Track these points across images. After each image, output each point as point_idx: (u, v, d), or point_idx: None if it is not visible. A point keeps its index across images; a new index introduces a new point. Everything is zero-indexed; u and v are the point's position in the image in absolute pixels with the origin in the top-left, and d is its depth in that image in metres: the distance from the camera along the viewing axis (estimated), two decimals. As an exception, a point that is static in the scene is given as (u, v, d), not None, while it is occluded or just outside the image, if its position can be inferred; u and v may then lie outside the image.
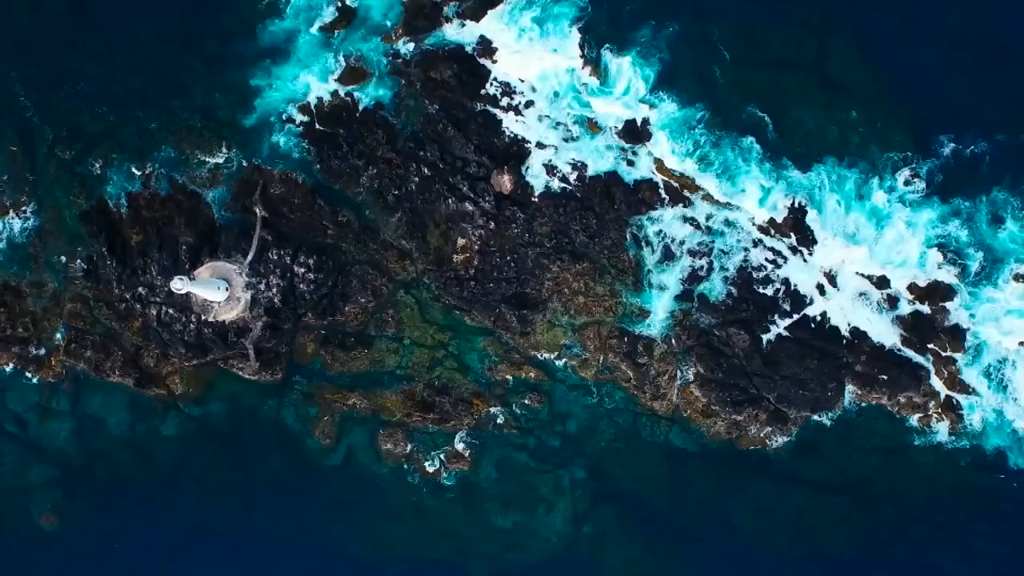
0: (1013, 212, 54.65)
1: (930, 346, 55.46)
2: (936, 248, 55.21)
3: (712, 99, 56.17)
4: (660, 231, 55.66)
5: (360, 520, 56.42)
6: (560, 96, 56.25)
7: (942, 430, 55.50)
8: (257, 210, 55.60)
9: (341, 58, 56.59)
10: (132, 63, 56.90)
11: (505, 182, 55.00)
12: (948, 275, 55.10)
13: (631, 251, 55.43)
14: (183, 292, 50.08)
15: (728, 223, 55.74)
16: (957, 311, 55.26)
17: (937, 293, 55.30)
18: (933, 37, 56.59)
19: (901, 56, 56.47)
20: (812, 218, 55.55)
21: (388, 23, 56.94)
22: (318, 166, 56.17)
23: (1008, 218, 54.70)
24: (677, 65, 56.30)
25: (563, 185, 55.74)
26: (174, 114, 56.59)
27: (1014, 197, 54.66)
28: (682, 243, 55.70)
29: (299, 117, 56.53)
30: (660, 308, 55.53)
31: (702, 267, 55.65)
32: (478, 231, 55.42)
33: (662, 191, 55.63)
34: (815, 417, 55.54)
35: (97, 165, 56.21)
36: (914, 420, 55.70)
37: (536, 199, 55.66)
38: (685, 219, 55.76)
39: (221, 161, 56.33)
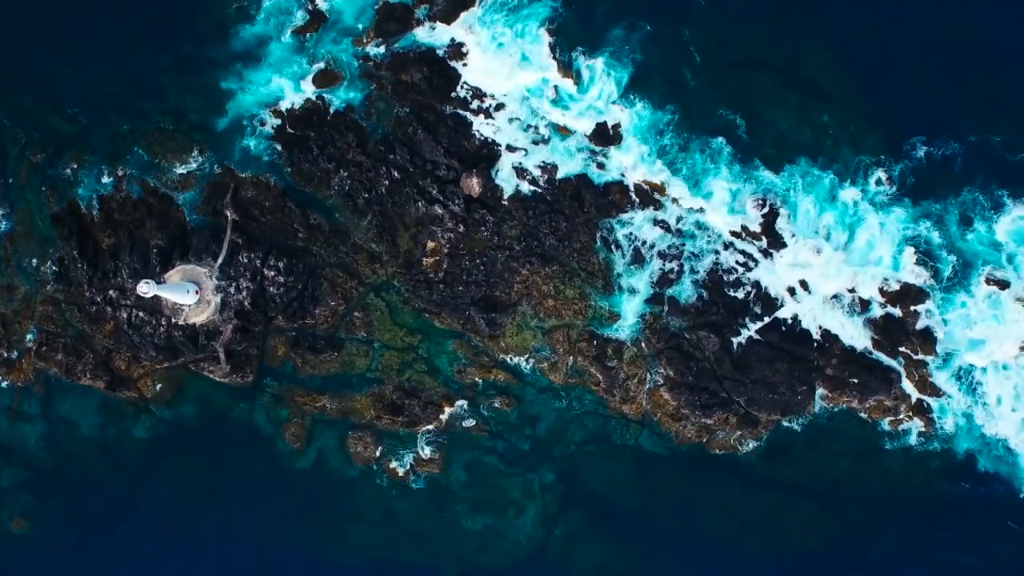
0: (981, 212, 54.46)
1: (901, 349, 55.24)
2: (908, 250, 55.04)
3: (683, 101, 56.06)
4: (630, 234, 55.58)
5: (330, 522, 56.60)
6: (530, 99, 56.17)
7: (913, 433, 55.37)
8: (228, 213, 55.75)
9: (312, 62, 56.71)
10: (104, 65, 57.22)
11: (474, 185, 55.00)
12: (920, 278, 54.87)
13: (601, 254, 55.39)
14: (149, 296, 50.18)
15: (699, 226, 55.59)
16: (929, 314, 55.07)
17: (909, 296, 55.08)
18: (907, 40, 56.34)
19: (875, 58, 56.27)
20: (783, 220, 55.36)
21: (359, 26, 57.04)
22: (289, 169, 56.34)
23: (977, 219, 54.53)
24: (648, 67, 56.22)
25: (533, 188, 55.72)
26: (146, 117, 56.91)
27: (983, 197, 54.48)
28: (652, 246, 55.60)
29: (270, 120, 56.70)
30: (630, 311, 55.48)
31: (672, 270, 55.55)
32: (447, 234, 55.46)
33: (632, 194, 55.55)
34: (785, 421, 55.47)
35: (69, 168, 56.45)
36: (885, 423, 55.56)
37: (506, 202, 55.66)
38: (655, 222, 55.65)
39: (193, 164, 56.51)
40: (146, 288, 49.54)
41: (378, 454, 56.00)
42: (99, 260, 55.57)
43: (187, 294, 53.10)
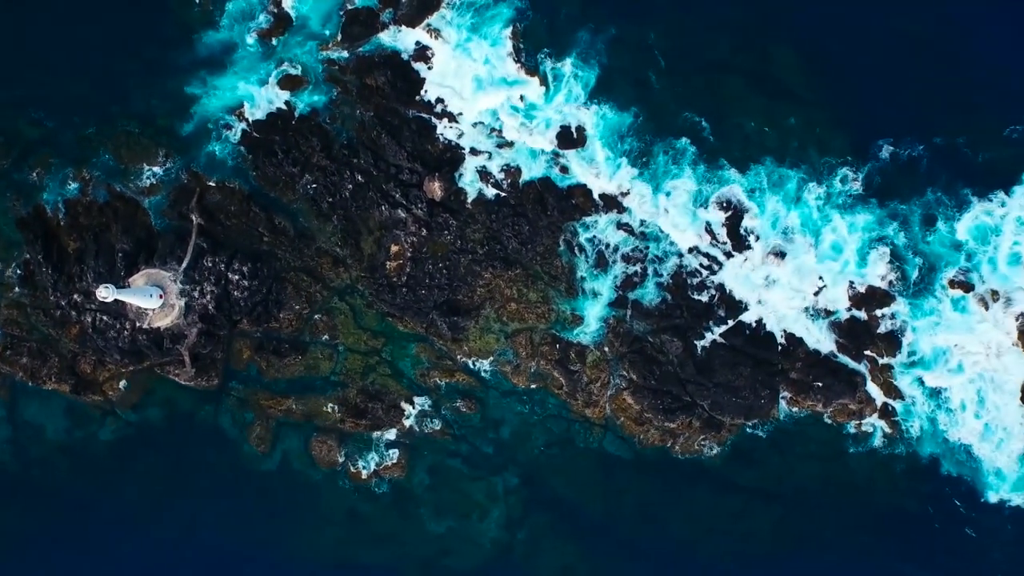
0: (944, 212, 54.37)
1: (866, 352, 55.12)
2: (874, 252, 54.91)
3: (648, 104, 56.05)
4: (594, 237, 55.52)
5: (295, 524, 56.73)
6: (494, 101, 55.92)
7: (877, 437, 55.25)
8: (193, 217, 55.87)
9: (278, 66, 56.66)
10: (70, 69, 57.28)
11: (436, 188, 54.99)
12: (885, 281, 54.75)
13: (564, 257, 55.35)
14: (109, 300, 50.29)
15: (663, 228, 55.46)
16: (894, 317, 54.93)
17: (874, 299, 54.94)
18: (873, 42, 56.24)
19: (841, 61, 56.12)
20: (748, 223, 55.27)
21: (324, 30, 57.02)
22: (254, 173, 56.40)
23: (939, 219, 54.42)
24: (613, 70, 56.21)
25: (496, 191, 55.69)
26: (112, 120, 56.94)
27: (947, 196, 54.39)
28: (616, 249, 55.54)
29: (236, 125, 56.73)
30: (593, 314, 55.45)
31: (636, 273, 55.47)
32: (410, 238, 55.49)
33: (596, 197, 55.47)
34: (749, 424, 55.39)
35: (35, 172, 56.57)
36: (850, 427, 55.46)
37: (469, 206, 55.64)
38: (619, 225, 55.58)
39: (159, 168, 56.55)
40: (105, 293, 49.64)
41: (342, 457, 56.11)
42: (64, 264, 55.74)
43: (150, 298, 53.27)
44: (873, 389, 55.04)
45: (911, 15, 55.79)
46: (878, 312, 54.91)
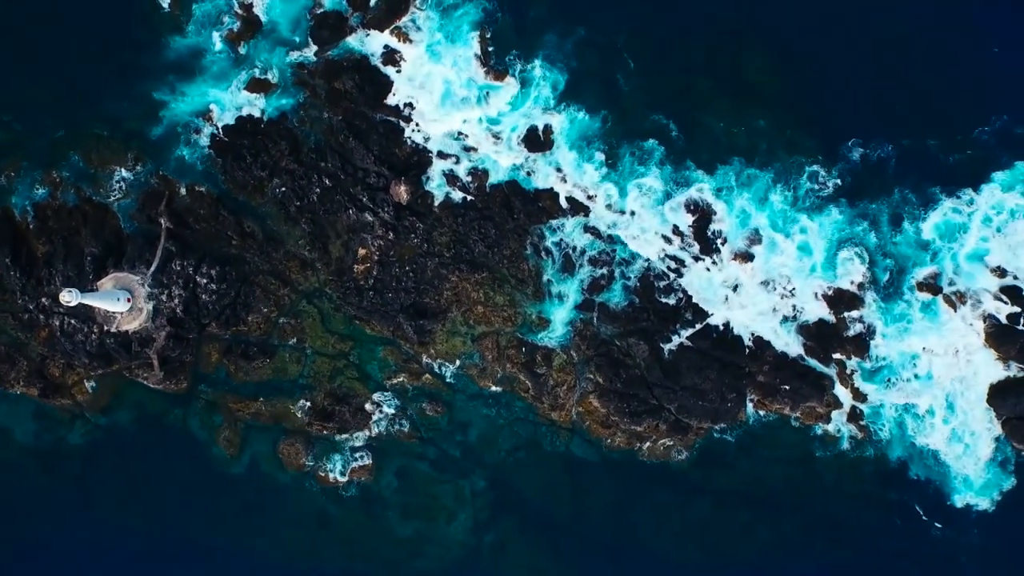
0: (911, 211, 54.28)
1: (834, 355, 55.02)
2: (843, 254, 54.75)
3: (617, 107, 56.03)
4: (560, 240, 55.50)
5: (264, 528, 56.90)
6: (462, 104, 56.01)
7: (845, 441, 55.14)
8: (162, 221, 56.02)
9: (247, 69, 56.74)
10: (40, 72, 57.33)
11: (402, 192, 55.04)
12: (854, 283, 54.61)
13: (531, 260, 55.37)
14: (73, 304, 50.43)
15: (630, 231, 55.41)
16: (863, 320, 54.80)
17: (843, 301, 54.82)
18: (843, 45, 56.06)
19: (811, 63, 55.94)
20: (715, 226, 55.19)
21: (293, 35, 57.05)
22: (223, 177, 56.50)
23: (906, 218, 54.31)
24: (582, 73, 56.16)
25: (463, 195, 55.71)
26: (82, 124, 57.02)
27: (914, 195, 54.29)
28: (583, 252, 55.52)
29: (205, 128, 56.77)
30: (560, 318, 55.44)
31: (603, 276, 55.44)
32: (378, 241, 55.55)
33: (563, 200, 55.44)
34: (717, 428, 55.32)
35: (4, 176, 56.69)
36: (818, 430, 55.37)
37: (436, 209, 55.67)
38: (586, 228, 55.55)
39: (128, 172, 56.69)
40: (69, 297, 49.77)
41: (310, 460, 56.23)
42: (33, 268, 55.91)
43: (117, 302, 53.41)
44: (841, 392, 54.99)
45: (882, 18, 55.62)
46: (846, 315, 54.83)
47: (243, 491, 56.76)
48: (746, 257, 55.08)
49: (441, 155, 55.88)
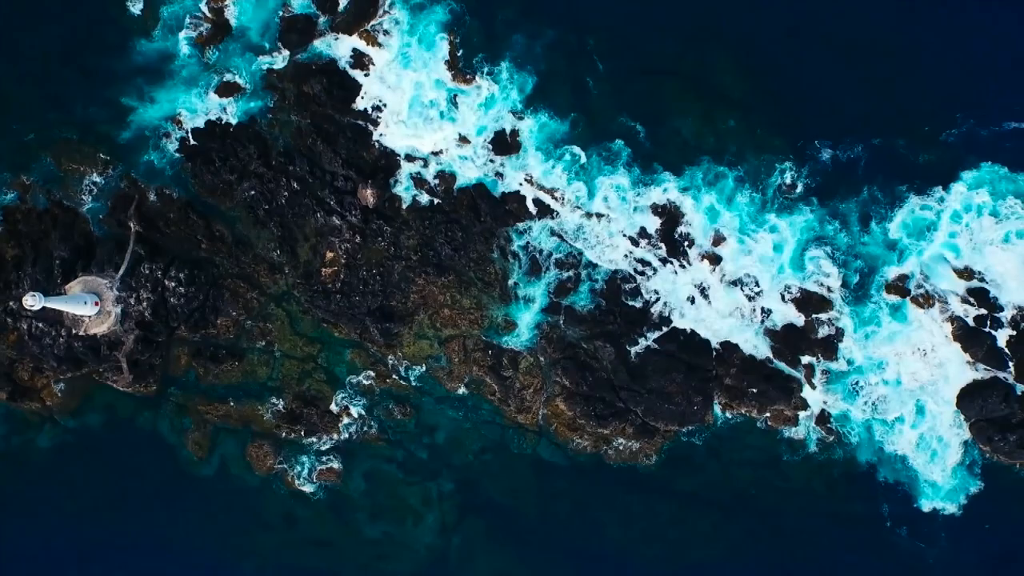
0: (879, 210, 54.28)
1: (802, 358, 55.00)
2: (812, 255, 54.68)
3: (585, 109, 56.09)
4: (527, 243, 55.57)
5: (233, 529, 57.12)
6: (431, 107, 56.11)
7: (813, 443, 55.12)
8: (132, 224, 56.26)
9: (216, 74, 56.91)
10: (8, 75, 57.57)
11: (368, 196, 55.18)
12: (823, 286, 54.62)
13: (498, 263, 55.45)
14: (36, 308, 50.61)
15: (597, 235, 55.48)
16: (831, 322, 54.78)
17: (811, 303, 54.80)
18: (813, 46, 56.02)
19: (781, 64, 55.90)
20: (683, 228, 55.21)
21: (263, 38, 57.18)
22: (193, 181, 56.66)
23: (874, 217, 54.34)
24: (550, 75, 56.23)
25: (431, 198, 55.84)
26: (51, 128, 57.26)
27: (882, 194, 54.30)
28: (549, 255, 55.60)
29: (174, 132, 56.94)
30: (526, 321, 55.53)
31: (570, 279, 55.51)
32: (345, 244, 55.70)
33: (530, 203, 55.53)
34: (685, 431, 55.36)
35: (-28, 180, 57.13)
36: (786, 433, 55.35)
37: (404, 212, 55.80)
38: (553, 231, 55.61)
39: (98, 176, 56.91)
40: (32, 301, 49.96)
41: (278, 462, 56.42)
42: (2, 271, 56.14)
43: (84, 305, 53.62)
44: (809, 395, 54.95)
45: (852, 20, 55.56)
46: (815, 317, 54.81)
47: (212, 493, 56.93)
48: (713, 259, 55.11)
49: (409, 158, 56.02)
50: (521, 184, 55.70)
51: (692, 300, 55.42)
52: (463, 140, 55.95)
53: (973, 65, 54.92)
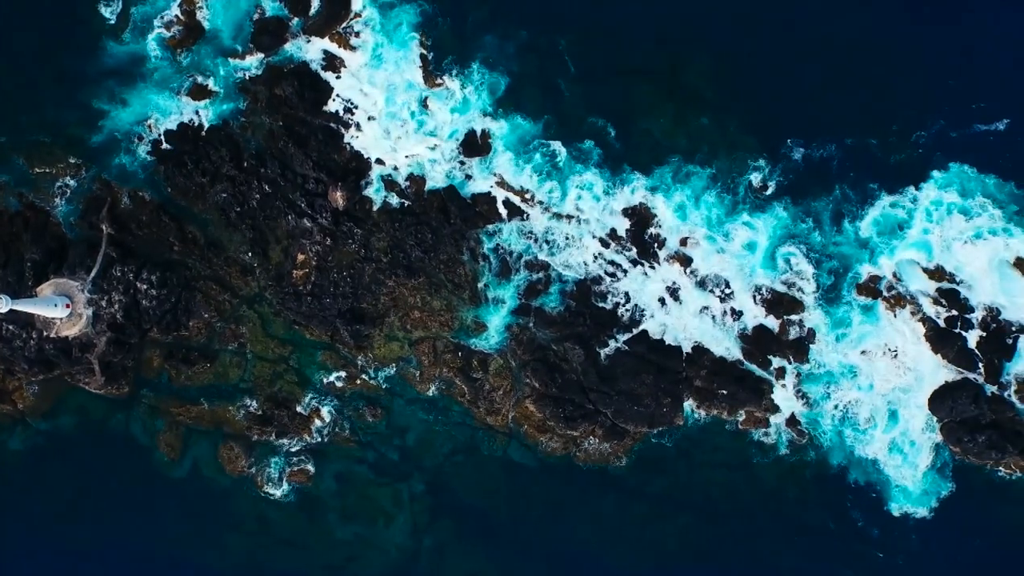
0: (851, 209, 54.25)
1: (773, 360, 54.99)
2: (783, 256, 54.62)
3: (557, 110, 56.09)
4: (497, 245, 55.63)
5: (205, 531, 57.39)
6: (402, 108, 56.15)
7: (784, 446, 55.13)
8: (104, 227, 56.42)
9: (188, 77, 56.99)
10: (-21, 77, 57.90)
11: (338, 198, 55.29)
12: (794, 286, 54.58)
13: (468, 265, 55.52)
14: (4, 311, 50.69)
15: (567, 236, 55.55)
16: (802, 324, 54.77)
17: (782, 305, 54.82)
18: (786, 46, 55.93)
19: (753, 64, 55.86)
20: (653, 230, 55.25)
21: (235, 41, 57.26)
22: (165, 183, 56.79)
23: (846, 216, 54.29)
24: (522, 77, 56.24)
25: (401, 200, 55.95)
26: (23, 130, 57.34)
27: (853, 193, 54.27)
28: (520, 257, 55.65)
29: (147, 135, 57.08)
30: (496, 322, 55.59)
31: (540, 280, 55.54)
32: (316, 247, 55.83)
33: (500, 205, 55.61)
34: (655, 432, 55.42)
35: (-57, 182, 57.21)
36: (757, 435, 55.38)
37: (374, 214, 55.91)
38: (523, 232, 55.68)
39: (71, 178, 57.06)
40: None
41: (250, 464, 56.60)
42: (-27, 274, 56.51)
43: (54, 308, 53.78)
44: (780, 397, 54.93)
45: (824, 21, 55.48)
46: (786, 318, 54.78)
47: (184, 495, 57.17)
48: (684, 260, 55.12)
49: (379, 161, 56.10)
50: (491, 186, 55.79)
51: (663, 302, 55.46)
52: (434, 142, 56.04)
53: (943, 67, 54.83)
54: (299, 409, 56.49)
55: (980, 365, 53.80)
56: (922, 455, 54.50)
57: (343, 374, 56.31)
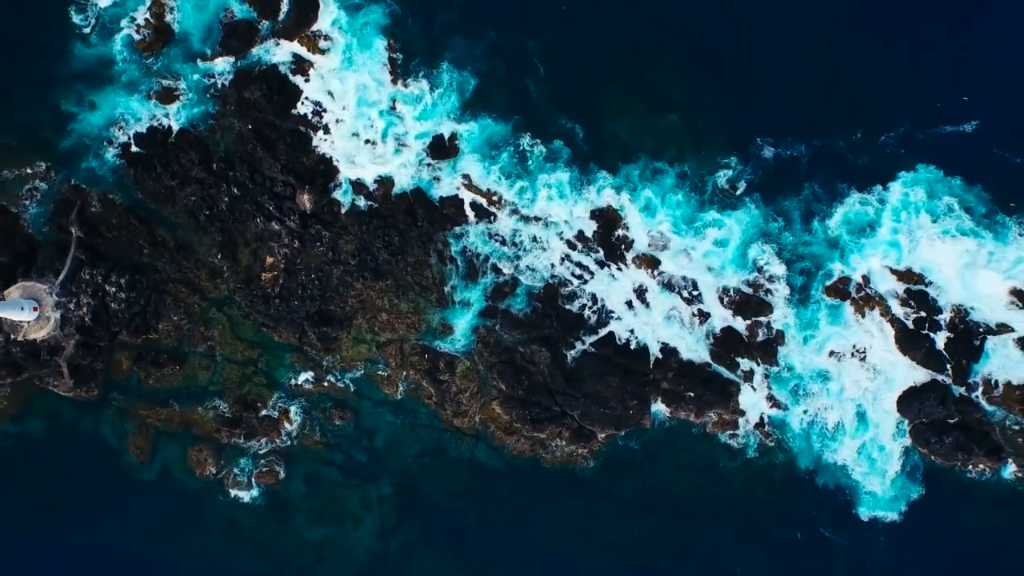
0: (820, 208, 54.22)
1: (741, 362, 54.93)
2: (752, 257, 54.51)
3: (525, 112, 56.05)
4: (464, 248, 55.63)
5: (175, 533, 57.55)
6: (369, 112, 56.13)
7: (752, 448, 55.08)
8: (73, 230, 56.52)
9: (157, 80, 56.99)
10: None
11: (305, 201, 55.34)
12: (762, 288, 54.51)
13: (435, 268, 55.55)
14: (-34, 315, 51.11)
15: (534, 238, 55.55)
16: (770, 326, 54.70)
17: (750, 306, 54.75)
18: (755, 47, 55.87)
19: (722, 65, 55.81)
20: (620, 232, 55.19)
21: (204, 44, 57.27)
22: (135, 186, 56.85)
23: (816, 215, 54.23)
24: (490, 79, 56.20)
25: (370, 203, 55.99)
26: (-8, 133, 57.64)
27: (823, 191, 54.22)
28: (487, 259, 55.65)
29: (116, 138, 57.08)
30: (463, 325, 55.61)
31: (507, 283, 55.55)
32: (284, 250, 55.91)
33: (467, 208, 55.61)
34: (622, 435, 55.42)
35: (-88, 185, 57.24)
36: (724, 437, 55.35)
37: (342, 217, 55.95)
38: (491, 235, 55.68)
39: (40, 181, 57.15)
40: (-36, 307, 50.45)
41: (219, 466, 56.72)
42: (-58, 277, 56.62)
43: (21, 311, 53.91)
44: (748, 400, 54.87)
45: (794, 23, 55.41)
46: (754, 320, 54.76)
47: (154, 497, 57.30)
48: (651, 261, 55.08)
49: (348, 163, 56.17)
50: (459, 188, 55.82)
51: (630, 304, 55.47)
52: (401, 144, 56.08)
53: (910, 69, 54.76)
54: (268, 412, 56.60)
55: (948, 366, 53.77)
56: (891, 461, 54.45)
57: (311, 376, 56.39)
